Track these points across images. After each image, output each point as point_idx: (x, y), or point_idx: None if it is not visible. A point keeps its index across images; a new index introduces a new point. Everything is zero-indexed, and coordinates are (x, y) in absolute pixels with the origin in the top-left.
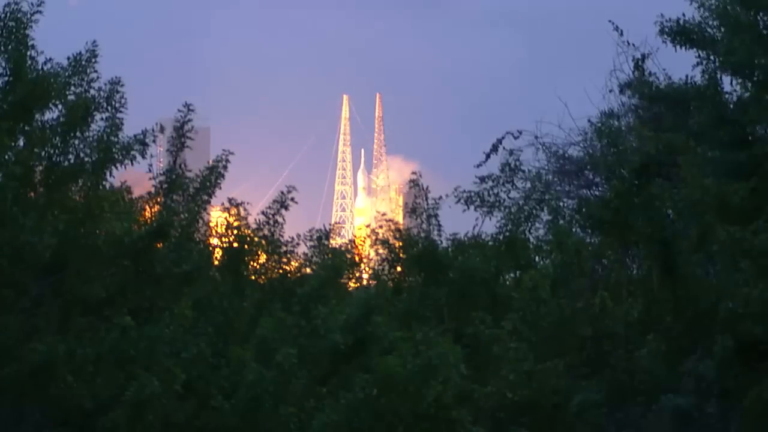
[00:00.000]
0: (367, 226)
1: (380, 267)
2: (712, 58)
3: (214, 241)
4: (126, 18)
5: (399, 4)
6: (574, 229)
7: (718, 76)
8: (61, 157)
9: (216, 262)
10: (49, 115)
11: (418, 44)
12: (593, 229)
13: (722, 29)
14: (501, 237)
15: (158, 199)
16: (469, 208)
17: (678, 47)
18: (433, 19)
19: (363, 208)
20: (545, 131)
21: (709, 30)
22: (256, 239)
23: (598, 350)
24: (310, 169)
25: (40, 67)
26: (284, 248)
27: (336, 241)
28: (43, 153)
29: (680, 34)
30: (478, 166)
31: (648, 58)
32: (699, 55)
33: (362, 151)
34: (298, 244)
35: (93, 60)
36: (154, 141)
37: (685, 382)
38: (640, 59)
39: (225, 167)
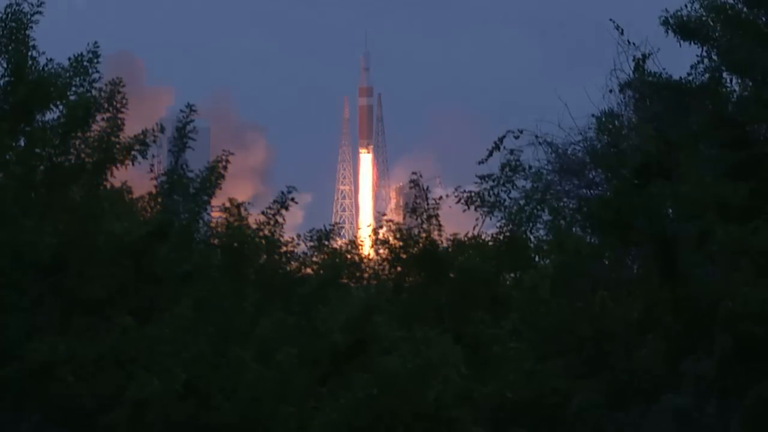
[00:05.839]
0: (368, 226)
1: (380, 267)
2: (713, 55)
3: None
4: (131, 17)
5: (405, 3)
6: (574, 229)
7: (719, 74)
8: (62, 157)
9: (216, 262)
10: (49, 116)
11: (424, 43)
12: (593, 229)
13: (722, 27)
14: (501, 237)
15: (159, 199)
16: (469, 208)
17: (680, 41)
18: (441, 18)
19: (365, 88)
20: (545, 131)
21: (711, 24)
22: (256, 239)
23: (598, 350)
24: (310, 168)
25: (41, 68)
26: (284, 248)
27: (336, 242)
28: (43, 153)
29: (682, 27)
30: (480, 163)
31: (649, 57)
32: (700, 52)
33: (364, 48)
34: (298, 244)
35: (95, 61)
36: (154, 141)
37: (685, 382)
38: (641, 59)
39: (225, 167)
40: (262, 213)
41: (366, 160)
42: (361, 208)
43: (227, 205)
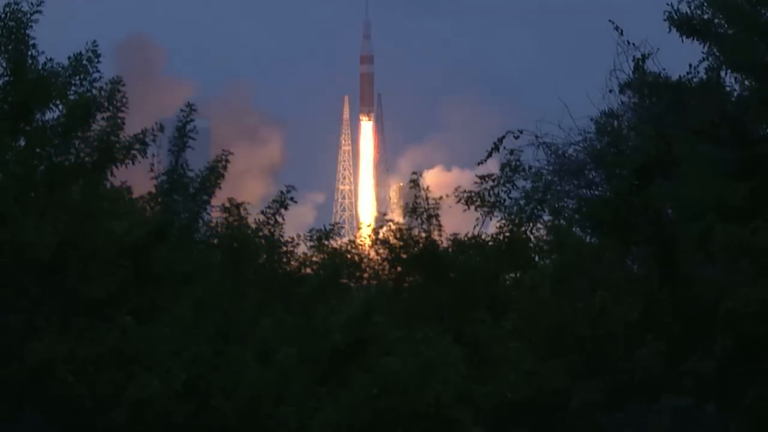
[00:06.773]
0: (368, 226)
1: (380, 267)
2: (715, 52)
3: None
4: (131, 15)
5: (406, 1)
6: (574, 229)
7: (719, 72)
8: (62, 157)
9: (216, 262)
10: (49, 115)
11: (425, 42)
12: (593, 229)
13: (725, 21)
14: (501, 237)
15: (159, 199)
16: (469, 208)
17: (683, 38)
18: (442, 18)
19: (365, 56)
20: (545, 131)
21: (715, 21)
22: (256, 239)
23: (598, 350)
24: (324, 166)
25: (40, 67)
26: (284, 248)
27: (336, 241)
28: (43, 153)
29: (686, 24)
30: (480, 163)
31: (648, 57)
32: (703, 50)
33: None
34: (298, 244)
35: (94, 60)
36: (154, 140)
37: (685, 382)
38: (641, 59)
39: (225, 167)
40: (262, 213)
41: (367, 128)
42: (361, 182)
43: (227, 205)
